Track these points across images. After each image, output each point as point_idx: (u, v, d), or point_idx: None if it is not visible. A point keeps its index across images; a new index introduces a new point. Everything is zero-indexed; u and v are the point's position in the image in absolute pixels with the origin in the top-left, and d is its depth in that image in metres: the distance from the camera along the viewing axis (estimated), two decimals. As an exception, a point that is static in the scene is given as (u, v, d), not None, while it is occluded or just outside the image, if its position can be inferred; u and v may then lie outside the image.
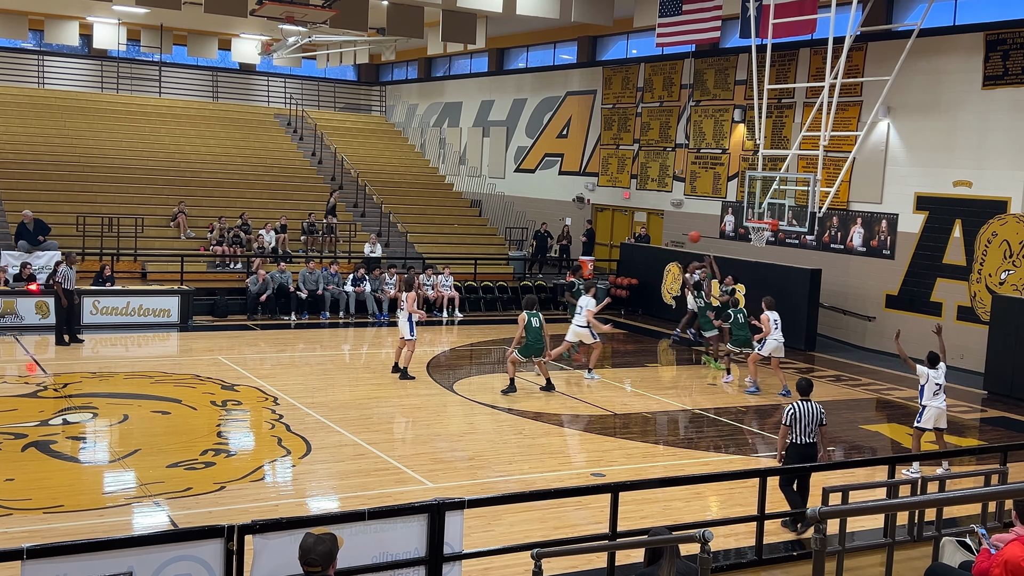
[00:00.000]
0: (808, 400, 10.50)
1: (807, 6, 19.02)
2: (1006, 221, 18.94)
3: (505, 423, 14.45)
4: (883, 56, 20.61)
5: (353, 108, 40.35)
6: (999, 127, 18.97)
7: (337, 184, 30.15)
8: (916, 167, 20.57)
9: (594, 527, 9.46)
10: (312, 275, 22.55)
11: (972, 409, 16.84)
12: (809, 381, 10.80)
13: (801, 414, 10.33)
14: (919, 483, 8.42)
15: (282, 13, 21.09)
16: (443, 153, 36.66)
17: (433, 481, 11.36)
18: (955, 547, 7.13)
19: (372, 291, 23.01)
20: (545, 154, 31.64)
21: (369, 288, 23.03)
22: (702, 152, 25.63)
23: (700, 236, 20.97)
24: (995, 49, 19.00)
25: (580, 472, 12.03)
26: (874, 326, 21.23)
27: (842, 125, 21.07)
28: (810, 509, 5.16)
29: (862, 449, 14.07)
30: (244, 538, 6.48)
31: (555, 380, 16.76)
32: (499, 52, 34.68)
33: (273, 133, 33.49)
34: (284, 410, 14.17)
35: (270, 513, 9.67)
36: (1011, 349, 17.43)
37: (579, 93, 30.11)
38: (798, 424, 10.33)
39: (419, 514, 7.09)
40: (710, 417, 15.34)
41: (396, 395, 15.65)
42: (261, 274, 22.15)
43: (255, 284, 22.02)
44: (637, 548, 7.45)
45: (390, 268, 23.80)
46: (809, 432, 10.36)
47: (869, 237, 21.47)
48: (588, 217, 29.42)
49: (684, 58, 25.92)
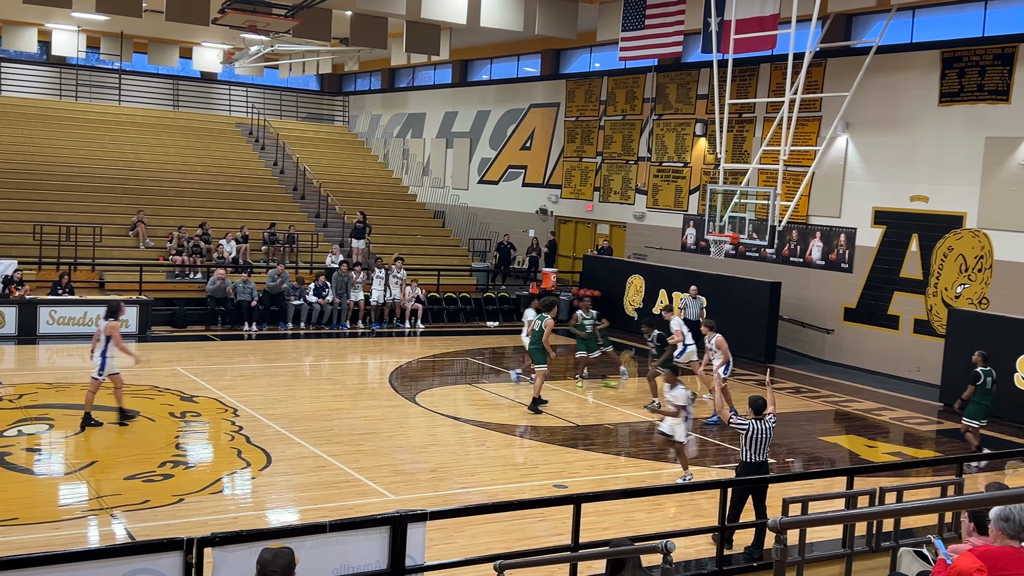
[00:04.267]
0: (762, 418, 10.26)
1: (767, 22, 19.25)
2: (962, 236, 19.24)
3: (468, 435, 14.42)
4: (842, 72, 20.90)
5: (316, 118, 40.20)
6: (955, 143, 19.29)
7: (299, 194, 30.02)
8: (874, 182, 20.86)
9: (557, 539, 9.46)
10: (280, 277, 22.34)
11: (928, 421, 17.06)
12: (763, 399, 10.56)
13: (755, 433, 10.18)
14: (877, 494, 8.52)
15: (244, 22, 20.96)
16: (406, 164, 36.62)
17: (395, 493, 11.31)
18: (912, 557, 7.22)
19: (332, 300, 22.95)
20: (509, 166, 31.71)
21: (331, 296, 22.93)
22: (664, 165, 25.81)
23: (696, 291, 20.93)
24: (951, 66, 19.34)
25: (543, 484, 12.03)
26: (833, 339, 21.46)
27: (802, 140, 21.33)
28: (770, 520, 5.20)
29: (821, 460, 14.21)
30: (203, 551, 6.41)
31: (513, 390, 16.76)
32: (463, 64, 34.74)
33: (234, 142, 33.28)
34: (244, 422, 14.05)
35: (230, 526, 9.58)
36: (967, 362, 17.62)
37: (543, 105, 30.22)
38: (753, 442, 10.16)
39: (381, 526, 7.06)
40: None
41: (358, 407, 15.58)
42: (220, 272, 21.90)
43: (212, 284, 21.73)
44: (599, 559, 7.48)
45: (396, 260, 23.81)
46: (761, 451, 10.18)
47: (828, 251, 21.73)
48: (551, 229, 29.50)
49: (647, 72, 26.12)
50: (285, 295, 22.45)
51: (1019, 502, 5.59)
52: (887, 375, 20.20)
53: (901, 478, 11.99)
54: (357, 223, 26.96)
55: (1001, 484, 7.86)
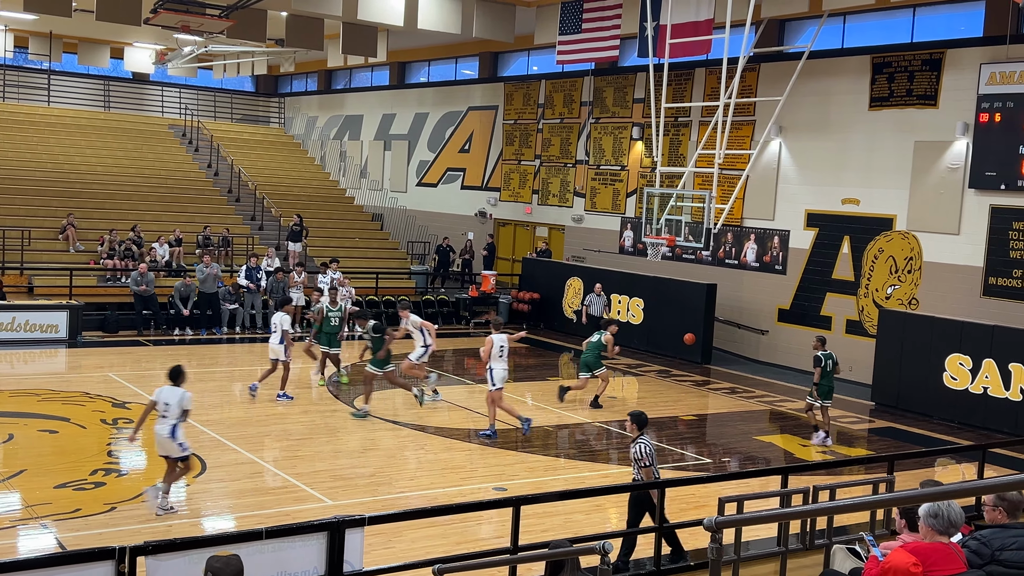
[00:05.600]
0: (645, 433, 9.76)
1: (702, 27, 19.47)
2: (892, 238, 19.66)
3: (407, 439, 14.36)
4: (775, 77, 21.23)
5: (251, 119, 39.73)
6: (885, 147, 19.70)
7: (234, 196, 29.64)
8: (807, 185, 21.21)
9: (496, 541, 9.46)
10: (209, 268, 21.92)
11: (860, 420, 17.39)
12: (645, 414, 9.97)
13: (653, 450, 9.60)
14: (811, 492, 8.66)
15: (177, 22, 20.63)
16: (344, 166, 36.36)
17: (333, 499, 11.22)
18: (845, 554, 7.35)
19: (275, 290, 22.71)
20: (447, 168, 31.66)
21: (265, 283, 22.64)
22: (602, 168, 25.97)
23: (694, 338, 20.74)
24: (881, 72, 19.75)
25: (482, 487, 12.02)
26: (767, 339, 21.78)
27: (736, 144, 21.61)
28: (705, 519, 5.26)
29: (756, 459, 14.40)
30: (136, 560, 6.28)
31: (451, 393, 16.68)
32: (401, 66, 34.60)
33: (167, 144, 32.75)
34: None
35: (163, 534, 9.42)
36: (897, 362, 18.08)
37: (481, 108, 30.23)
38: (655, 461, 9.59)
39: (318, 532, 6.99)
40: (611, 430, 15.51)
41: (294, 412, 15.41)
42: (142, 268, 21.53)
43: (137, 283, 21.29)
44: (538, 561, 7.49)
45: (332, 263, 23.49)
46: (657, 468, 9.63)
47: (762, 253, 22.04)
48: (490, 231, 29.52)
49: (584, 76, 26.27)
50: (220, 299, 22.13)
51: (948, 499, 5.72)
52: (820, 375, 20.51)
53: (834, 476, 12.19)
54: (293, 226, 26.69)
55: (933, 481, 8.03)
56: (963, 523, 5.96)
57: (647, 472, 9.47)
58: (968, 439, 15.51)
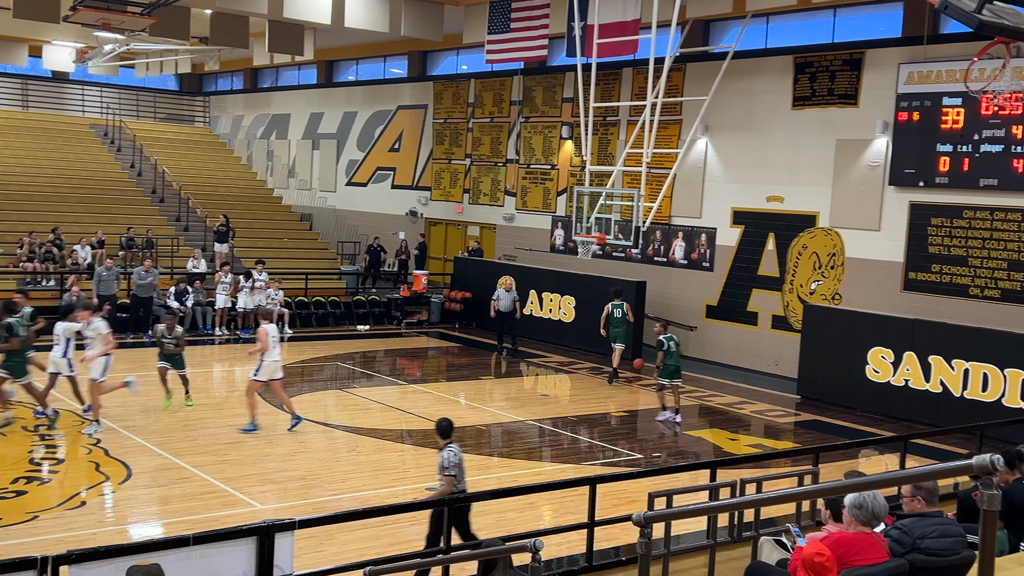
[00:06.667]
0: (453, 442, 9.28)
1: (629, 27, 19.65)
2: (815, 234, 20.05)
3: (338, 440, 14.24)
4: (701, 77, 21.51)
5: (175, 119, 39.05)
6: (807, 145, 20.08)
7: (158, 197, 29.11)
8: (732, 183, 21.53)
9: (428, 542, 9.43)
10: (148, 274, 21.49)
11: (787, 413, 17.72)
12: (450, 421, 9.50)
13: (461, 460, 9.17)
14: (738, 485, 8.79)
15: (98, 20, 20.17)
16: (271, 166, 35.92)
17: (263, 503, 11.08)
18: (772, 546, 7.47)
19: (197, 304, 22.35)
20: (377, 168, 31.47)
21: (191, 303, 22.30)
22: (532, 167, 26.05)
23: (642, 363, 20.94)
24: (803, 71, 20.13)
25: (415, 487, 11.98)
26: (696, 335, 22.05)
27: (663, 143, 21.85)
28: (634, 515, 5.31)
29: (686, 454, 14.58)
30: (59, 569, 6.13)
31: (384, 395, 16.59)
32: (328, 64, 34.29)
33: (88, 144, 32.03)
34: (102, 434, 13.53)
35: (88, 542, 9.21)
36: (821, 356, 18.44)
37: (410, 107, 30.10)
38: (462, 471, 9.20)
39: (247, 537, 6.89)
40: (544, 427, 15.57)
41: (223, 416, 15.19)
42: (74, 291, 21.05)
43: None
44: (471, 561, 7.49)
45: (257, 264, 23.23)
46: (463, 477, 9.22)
47: (690, 250, 22.32)
48: (421, 231, 29.41)
49: (513, 75, 26.32)
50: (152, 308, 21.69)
51: (872, 489, 5.85)
52: (747, 370, 20.89)
53: (762, 469, 12.39)
54: (220, 227, 26.29)
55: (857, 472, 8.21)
56: (887, 514, 6.11)
57: (449, 481, 9.01)
58: (890, 430, 15.89)
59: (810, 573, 5.68)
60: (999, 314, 16.96)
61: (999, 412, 15.47)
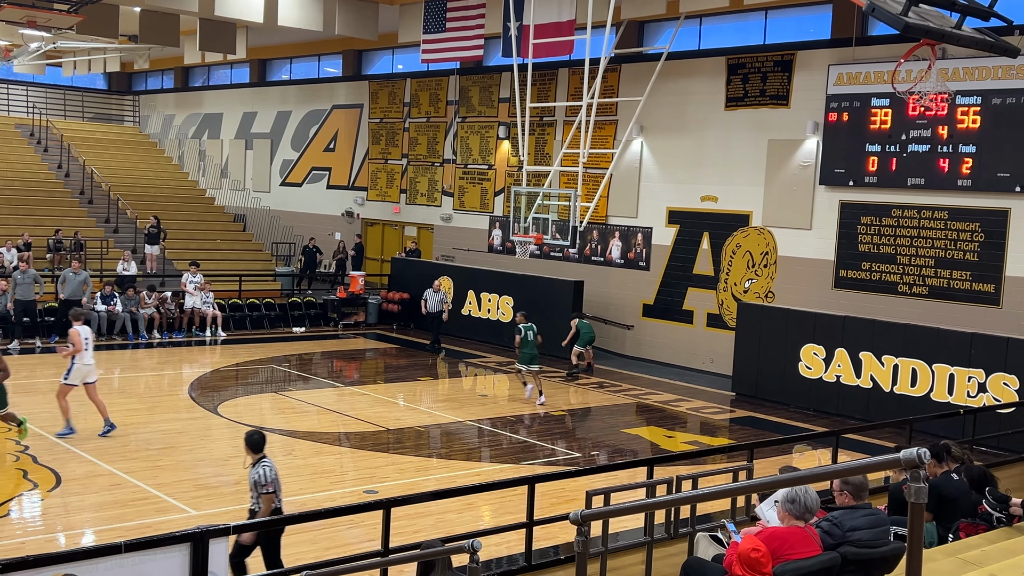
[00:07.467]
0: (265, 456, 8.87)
1: (564, 28, 19.72)
2: (748, 233, 20.33)
3: (275, 444, 14.03)
4: (636, 77, 21.68)
5: (103, 118, 38.26)
6: (740, 146, 20.35)
7: (87, 198, 28.49)
8: (667, 183, 21.74)
9: (368, 544, 9.37)
10: (78, 276, 20.97)
11: (722, 410, 17.94)
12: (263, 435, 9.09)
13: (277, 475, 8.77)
14: (674, 482, 8.86)
15: (23, 17, 19.68)
16: (203, 166, 35.38)
17: (197, 508, 10.91)
18: (708, 541, 7.55)
19: (126, 309, 21.92)
20: (312, 168, 31.17)
21: (121, 307, 21.87)
22: (469, 167, 26.02)
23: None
24: (736, 73, 20.39)
25: (353, 490, 11.89)
26: (632, 334, 22.22)
27: (599, 143, 21.98)
28: (571, 513, 5.32)
29: (624, 451, 14.68)
30: (-16, 582, 5.98)
31: (321, 397, 16.44)
32: (261, 63, 33.87)
33: (14, 144, 31.22)
34: (30, 440, 13.18)
35: (15, 551, 8.98)
36: (755, 353, 18.71)
37: (346, 107, 29.88)
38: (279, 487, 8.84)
39: (181, 543, 6.76)
40: (483, 428, 15.56)
41: (155, 420, 14.92)
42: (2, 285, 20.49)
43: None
44: (410, 563, 7.44)
45: (191, 266, 22.92)
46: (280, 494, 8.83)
47: (627, 249, 22.48)
48: (358, 231, 29.21)
49: (449, 75, 26.26)
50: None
51: (805, 484, 5.94)
52: (683, 367, 21.10)
53: (698, 466, 12.52)
54: (150, 228, 25.82)
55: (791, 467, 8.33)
56: (819, 508, 6.21)
57: (268, 499, 8.63)
58: (823, 426, 16.16)
59: (745, 568, 5.75)
60: (927, 311, 17.35)
61: (928, 407, 15.84)
